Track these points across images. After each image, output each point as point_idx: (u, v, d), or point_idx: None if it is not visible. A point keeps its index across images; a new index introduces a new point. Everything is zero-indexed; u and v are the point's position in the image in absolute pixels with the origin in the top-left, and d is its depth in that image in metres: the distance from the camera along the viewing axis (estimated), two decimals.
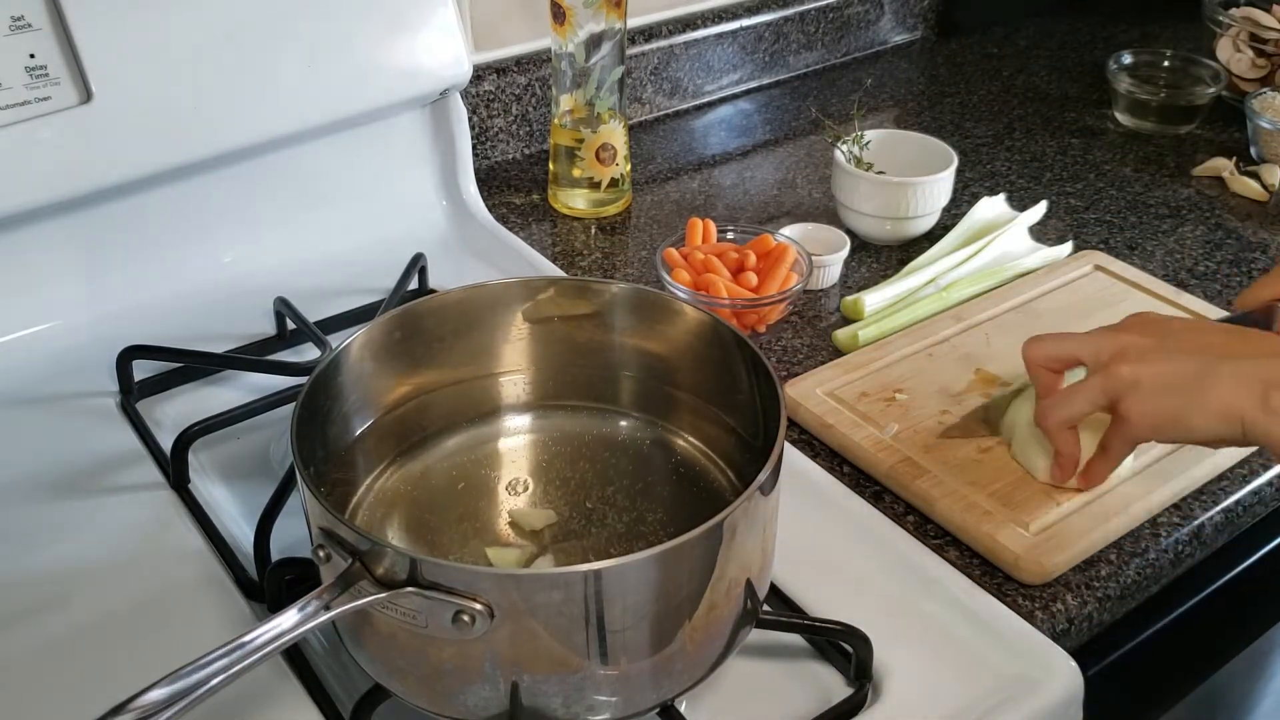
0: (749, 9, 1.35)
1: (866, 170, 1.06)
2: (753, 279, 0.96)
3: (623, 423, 0.76)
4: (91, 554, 0.74)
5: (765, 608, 0.66)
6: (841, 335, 0.94)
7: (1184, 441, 0.73)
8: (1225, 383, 0.67)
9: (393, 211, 1.07)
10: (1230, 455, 0.82)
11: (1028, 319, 0.95)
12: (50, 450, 0.82)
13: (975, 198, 1.08)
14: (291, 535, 0.72)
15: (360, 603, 0.55)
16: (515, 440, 0.76)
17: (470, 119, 1.12)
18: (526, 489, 0.72)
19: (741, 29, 1.35)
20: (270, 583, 0.68)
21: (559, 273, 1.03)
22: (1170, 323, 0.74)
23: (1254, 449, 0.81)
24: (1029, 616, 0.71)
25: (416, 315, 0.73)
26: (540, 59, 1.19)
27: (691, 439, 0.75)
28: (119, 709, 0.50)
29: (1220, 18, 1.34)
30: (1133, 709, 0.86)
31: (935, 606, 0.71)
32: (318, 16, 0.94)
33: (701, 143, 1.28)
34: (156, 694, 0.50)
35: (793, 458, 0.82)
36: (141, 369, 0.87)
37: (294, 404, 0.63)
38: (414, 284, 0.98)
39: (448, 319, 0.74)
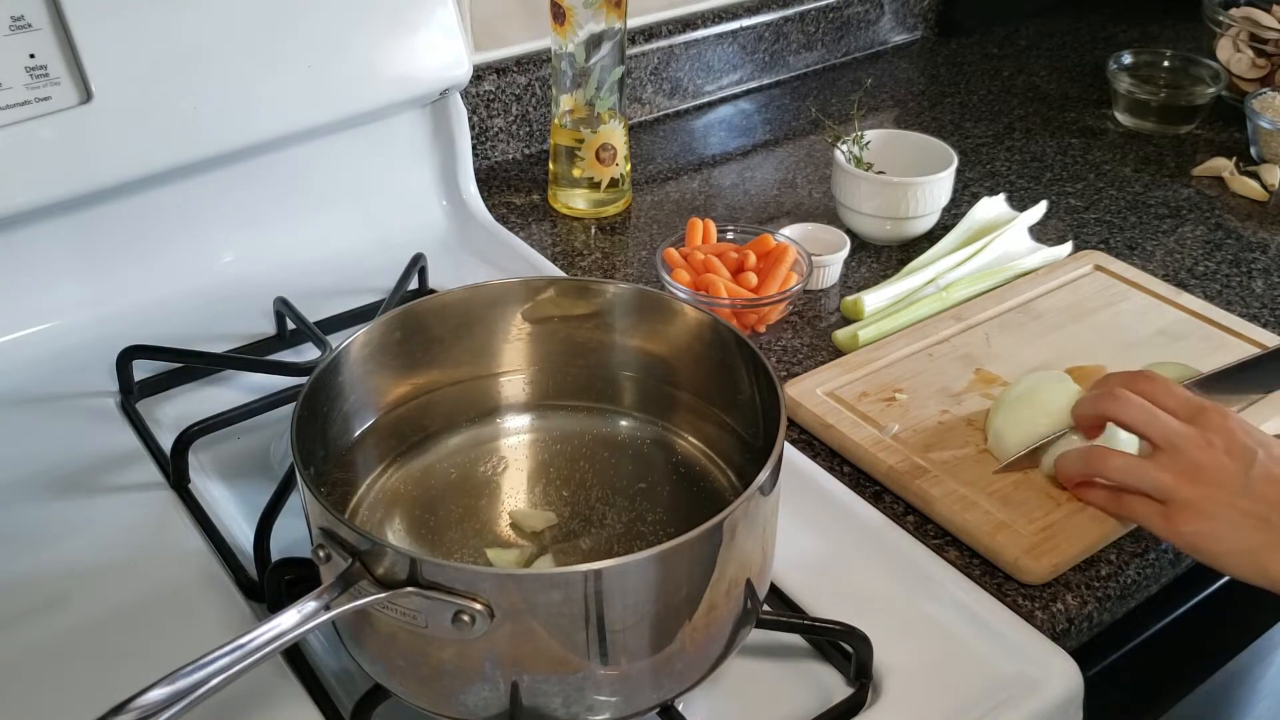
0: (749, 9, 1.35)
1: (866, 170, 1.06)
2: (753, 279, 0.96)
3: (623, 423, 0.76)
4: (91, 554, 0.74)
5: (765, 608, 0.66)
6: (841, 335, 0.94)
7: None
8: (1273, 563, 0.67)
9: (393, 211, 1.07)
10: None
11: (1028, 319, 0.95)
12: (50, 450, 0.82)
13: (975, 198, 1.08)
14: (291, 535, 0.72)
15: (360, 603, 0.55)
16: (515, 440, 0.76)
17: (470, 119, 1.12)
18: (527, 489, 0.72)
19: (741, 29, 1.35)
20: (270, 583, 0.68)
21: (559, 273, 1.03)
22: (1257, 450, 0.70)
23: None
24: (1029, 616, 0.71)
25: (416, 315, 0.73)
26: (540, 59, 1.20)
27: (691, 439, 0.75)
28: (119, 709, 0.50)
29: (1220, 18, 1.34)
30: (1133, 709, 0.86)
31: (935, 606, 0.71)
32: (318, 16, 0.94)
33: (701, 143, 1.28)
34: (156, 694, 0.50)
35: (793, 458, 0.82)
36: (141, 369, 0.87)
37: (294, 404, 0.63)
38: (414, 284, 0.98)
39: (448, 319, 0.74)
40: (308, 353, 0.93)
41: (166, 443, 0.80)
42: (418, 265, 0.97)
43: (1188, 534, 0.70)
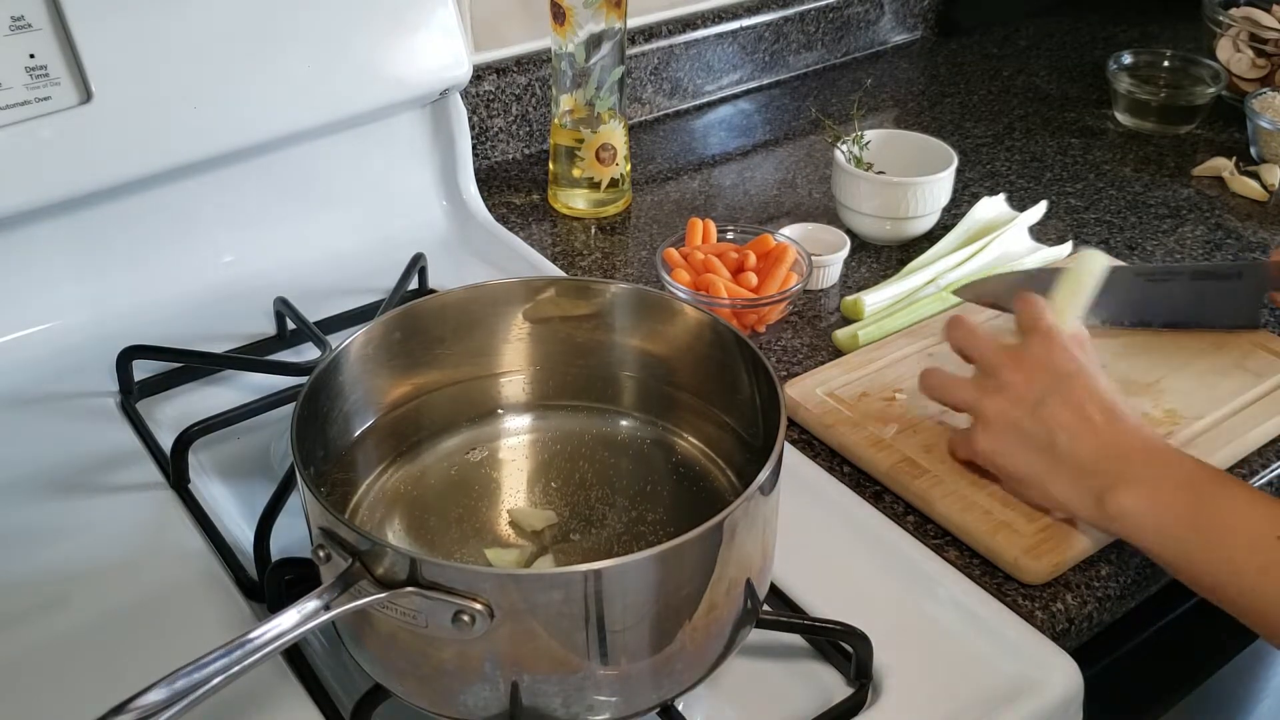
0: (749, 9, 1.35)
1: (866, 170, 1.06)
2: (753, 279, 0.96)
3: (623, 423, 0.76)
4: (91, 554, 0.74)
5: (765, 608, 0.66)
6: (841, 335, 0.94)
7: None
8: (1064, 482, 0.72)
9: (393, 211, 1.07)
10: (1231, 456, 0.82)
11: None
12: (50, 450, 0.82)
13: (975, 198, 1.08)
14: (291, 535, 0.72)
15: (360, 603, 0.55)
16: (515, 440, 0.76)
17: (470, 119, 1.12)
18: (527, 489, 0.72)
19: (741, 29, 1.35)
20: (270, 583, 0.68)
21: (559, 273, 1.03)
22: (1062, 378, 0.73)
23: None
24: (1029, 616, 0.71)
25: (416, 315, 0.73)
26: (540, 59, 1.20)
27: (691, 439, 0.75)
28: (119, 709, 0.50)
29: (1220, 18, 1.34)
30: (1133, 709, 0.86)
31: (935, 606, 0.71)
32: (317, 17, 0.94)
33: (701, 143, 1.28)
34: (156, 694, 0.50)
35: (793, 458, 0.82)
36: (141, 369, 0.87)
37: (294, 404, 0.63)
38: (414, 284, 0.98)
39: (448, 319, 0.74)
40: (308, 353, 0.93)
41: (166, 443, 0.80)
42: (418, 265, 0.97)
43: (983, 448, 0.75)
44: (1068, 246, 1.04)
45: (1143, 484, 0.68)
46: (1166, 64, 1.34)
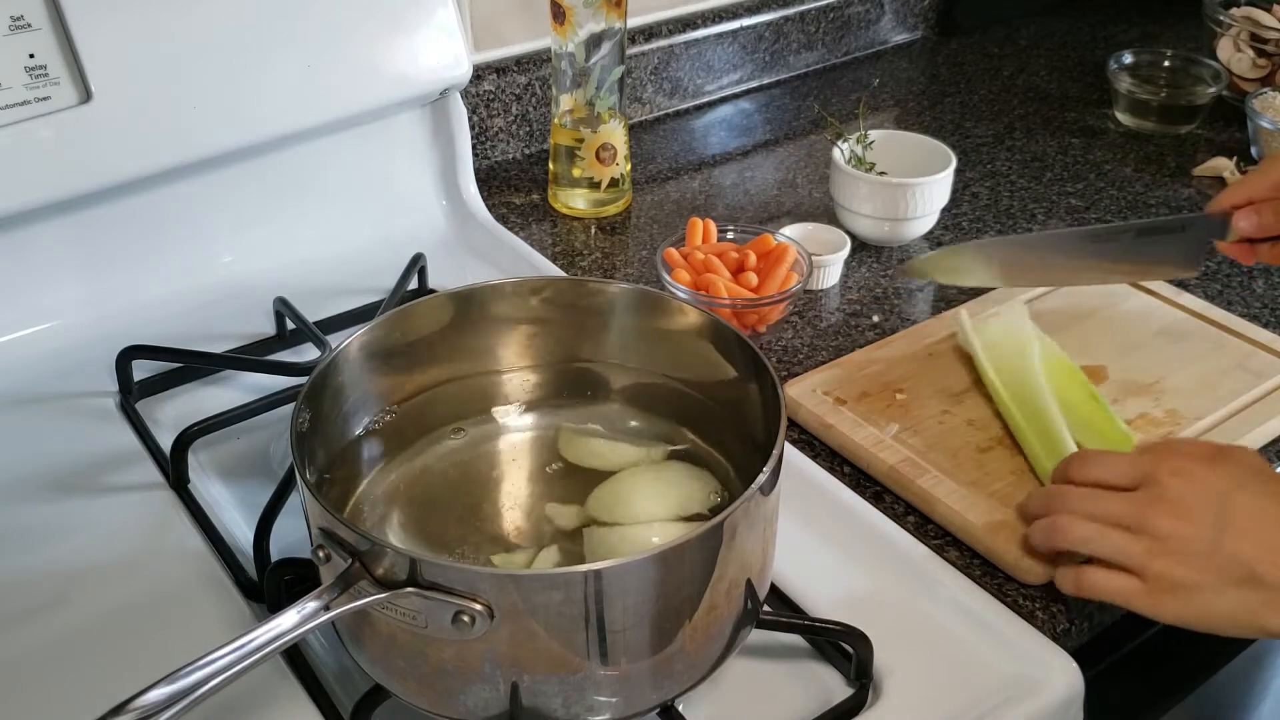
0: (749, 9, 1.35)
1: (868, 170, 1.06)
2: (753, 279, 0.96)
3: (622, 423, 0.76)
4: (91, 554, 0.74)
5: (765, 608, 0.66)
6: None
7: None
8: (1271, 620, 0.63)
9: (393, 211, 1.07)
10: None
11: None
12: (50, 450, 0.82)
13: (975, 197, 1.08)
14: (291, 535, 0.72)
15: (360, 603, 0.55)
16: (514, 440, 0.76)
17: (470, 119, 1.12)
18: (527, 489, 0.72)
19: (741, 29, 1.35)
20: (270, 583, 0.68)
21: (559, 273, 1.03)
22: (1219, 502, 0.65)
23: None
24: (1029, 616, 0.71)
25: (416, 315, 0.73)
26: (540, 59, 1.19)
27: (692, 438, 0.75)
28: (119, 709, 0.50)
29: (1221, 17, 1.34)
30: (1133, 709, 0.86)
31: (935, 606, 0.71)
32: (318, 16, 0.93)
33: (701, 143, 1.28)
34: (156, 694, 0.50)
35: (793, 458, 0.82)
36: (141, 369, 0.87)
37: (293, 404, 0.63)
38: (414, 284, 0.98)
39: (448, 319, 0.74)
40: (308, 353, 0.92)
41: (166, 443, 0.80)
42: (418, 265, 0.97)
43: (1173, 610, 0.65)
44: None
45: None
46: (1167, 64, 1.34)
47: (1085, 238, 0.89)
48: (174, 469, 0.79)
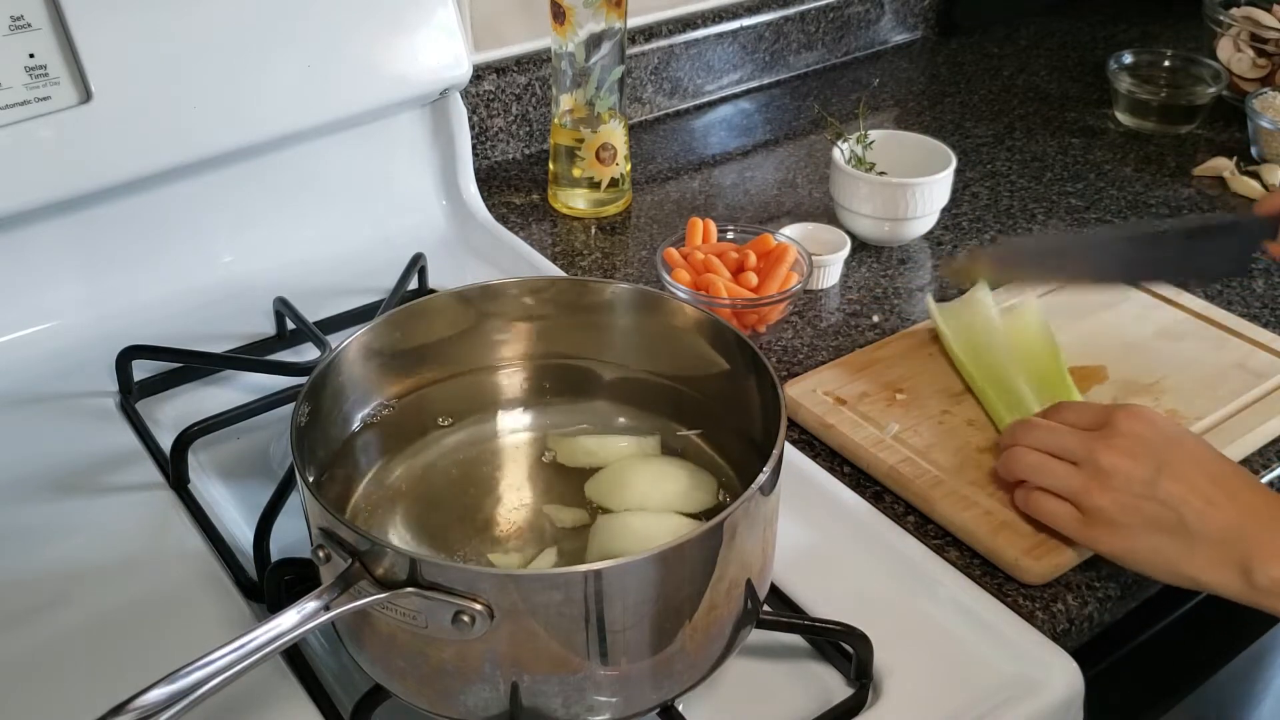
0: (749, 9, 1.35)
1: (868, 170, 1.06)
2: (753, 279, 0.96)
3: (622, 422, 0.76)
4: (91, 554, 0.74)
5: (765, 608, 0.66)
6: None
7: None
8: (1201, 559, 0.66)
9: (393, 211, 1.07)
10: (1232, 456, 0.81)
11: None
12: (50, 450, 0.82)
13: (975, 197, 1.08)
14: (291, 535, 0.72)
15: (360, 603, 0.55)
16: (514, 440, 0.76)
17: (470, 119, 1.12)
18: (527, 489, 0.72)
19: (741, 29, 1.35)
20: (270, 583, 0.68)
21: (559, 273, 1.03)
22: (1165, 450, 0.69)
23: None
24: (1029, 617, 0.71)
25: (416, 315, 0.73)
26: (540, 59, 1.19)
27: (692, 438, 0.75)
28: (119, 709, 0.50)
29: (1221, 17, 1.34)
30: (1133, 709, 0.86)
31: (935, 606, 0.71)
32: (318, 16, 0.93)
33: (701, 143, 1.28)
34: (156, 694, 0.50)
35: (793, 458, 0.81)
36: (141, 369, 0.87)
37: (293, 404, 0.63)
38: (414, 284, 0.98)
39: (448, 318, 0.74)
40: (308, 353, 0.92)
41: (166, 443, 0.80)
42: (418, 265, 0.97)
43: (1103, 541, 0.70)
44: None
45: None
46: (1167, 64, 1.34)
47: (1133, 240, 0.89)
48: (174, 469, 0.79)
